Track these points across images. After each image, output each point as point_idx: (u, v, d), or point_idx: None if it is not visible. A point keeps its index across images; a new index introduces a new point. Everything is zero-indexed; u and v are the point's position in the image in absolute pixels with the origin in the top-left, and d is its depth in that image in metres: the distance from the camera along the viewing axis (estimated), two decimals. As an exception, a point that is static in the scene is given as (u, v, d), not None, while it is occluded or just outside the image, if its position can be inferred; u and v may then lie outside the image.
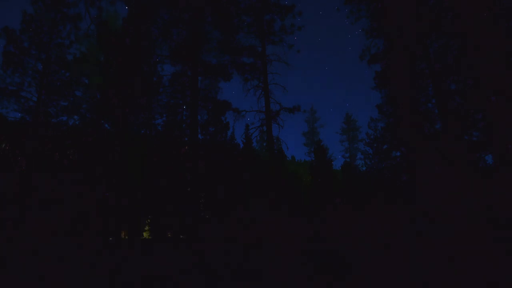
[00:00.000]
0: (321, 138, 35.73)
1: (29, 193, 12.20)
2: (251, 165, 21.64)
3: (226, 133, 27.80)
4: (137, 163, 14.63)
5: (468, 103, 12.74)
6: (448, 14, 12.87)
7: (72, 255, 10.12)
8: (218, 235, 14.46)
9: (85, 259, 9.68)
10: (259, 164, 21.82)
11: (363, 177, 32.01)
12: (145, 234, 20.50)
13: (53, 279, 6.84)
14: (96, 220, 12.36)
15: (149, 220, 17.32)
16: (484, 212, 9.86)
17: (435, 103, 14.92)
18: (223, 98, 18.11)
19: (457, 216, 10.43)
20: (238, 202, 15.98)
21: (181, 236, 15.85)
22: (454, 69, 13.72)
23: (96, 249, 11.56)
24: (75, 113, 16.12)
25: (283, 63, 16.43)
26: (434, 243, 10.11)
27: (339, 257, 9.62)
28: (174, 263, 9.58)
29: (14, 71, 14.87)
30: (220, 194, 16.09)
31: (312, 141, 35.22)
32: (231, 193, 16.58)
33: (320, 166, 31.89)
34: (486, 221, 9.63)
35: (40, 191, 12.14)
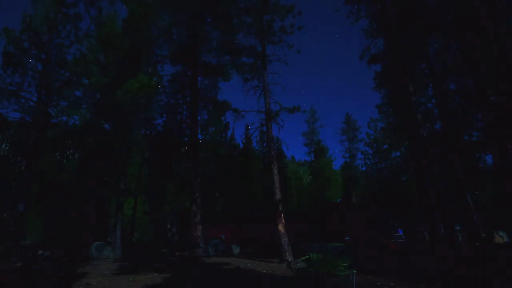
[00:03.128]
0: (321, 138, 35.76)
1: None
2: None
3: (226, 133, 27.74)
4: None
5: (468, 103, 12.74)
6: (448, 14, 12.84)
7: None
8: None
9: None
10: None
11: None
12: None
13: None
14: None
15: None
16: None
17: (435, 103, 14.91)
18: (223, 98, 18.09)
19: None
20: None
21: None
22: (454, 69, 13.70)
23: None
24: (75, 113, 16.09)
25: (283, 63, 16.34)
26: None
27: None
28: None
29: (14, 71, 14.84)
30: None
31: (312, 141, 35.17)
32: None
33: (320, 166, 31.81)
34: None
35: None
